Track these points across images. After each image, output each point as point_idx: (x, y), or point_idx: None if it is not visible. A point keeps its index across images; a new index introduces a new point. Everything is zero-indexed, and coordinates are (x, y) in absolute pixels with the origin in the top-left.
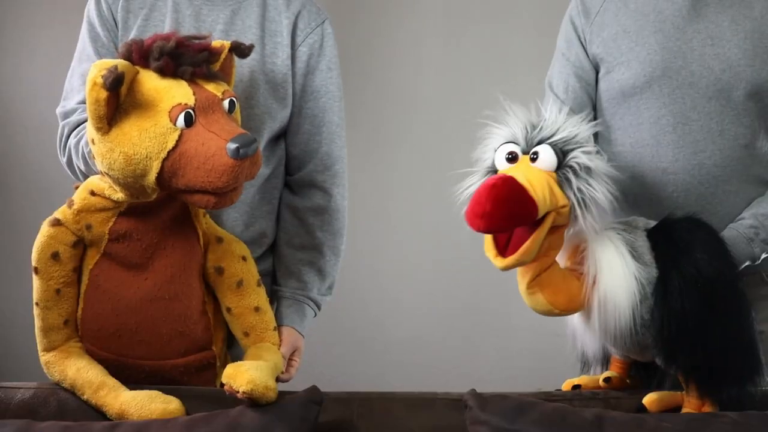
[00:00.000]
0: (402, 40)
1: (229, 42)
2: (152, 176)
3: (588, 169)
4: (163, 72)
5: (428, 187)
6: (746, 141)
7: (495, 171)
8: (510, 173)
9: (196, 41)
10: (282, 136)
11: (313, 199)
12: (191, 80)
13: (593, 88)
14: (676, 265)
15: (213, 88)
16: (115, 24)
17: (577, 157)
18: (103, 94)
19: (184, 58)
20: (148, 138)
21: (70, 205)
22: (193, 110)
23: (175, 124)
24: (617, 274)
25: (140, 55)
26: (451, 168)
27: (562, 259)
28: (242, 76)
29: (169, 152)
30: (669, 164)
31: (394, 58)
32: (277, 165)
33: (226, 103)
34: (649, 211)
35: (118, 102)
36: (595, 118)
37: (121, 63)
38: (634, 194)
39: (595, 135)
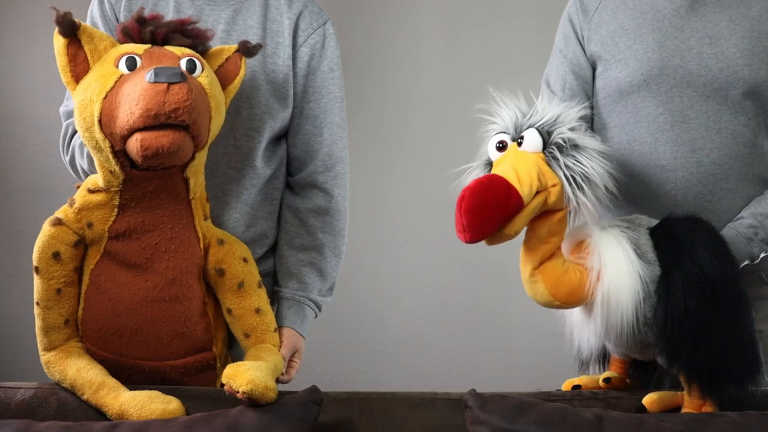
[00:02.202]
0: (402, 40)
1: (234, 45)
2: (96, 126)
3: (575, 146)
4: (131, 34)
5: (428, 187)
6: (745, 139)
7: (490, 162)
8: (499, 162)
9: (175, 20)
10: (283, 136)
11: (314, 199)
12: (160, 43)
13: (590, 86)
14: (678, 263)
15: (175, 49)
16: (118, 23)
17: (562, 133)
18: (61, 41)
19: (151, 23)
20: (93, 81)
21: (71, 204)
22: (139, 57)
23: (117, 68)
24: (622, 271)
25: (122, 34)
26: (451, 167)
27: (565, 254)
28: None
29: (107, 93)
30: (667, 162)
31: (394, 58)
32: (278, 166)
33: (183, 61)
34: (647, 208)
35: (86, 60)
36: (591, 116)
37: (81, 23)
38: (633, 192)
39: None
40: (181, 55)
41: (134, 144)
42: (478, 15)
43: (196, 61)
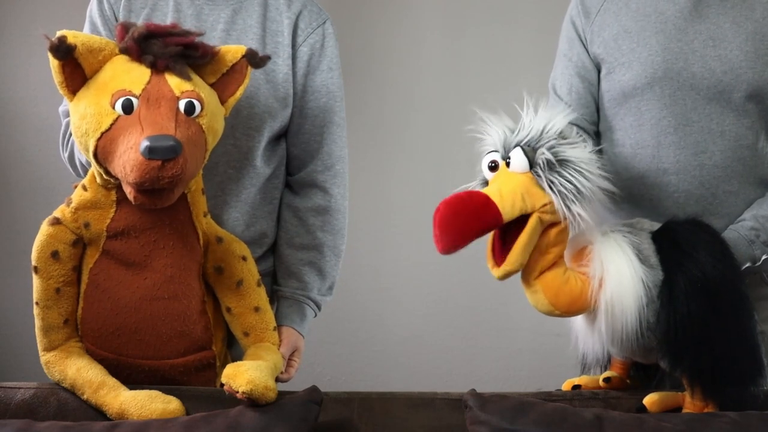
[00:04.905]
0: (402, 40)
1: (243, 48)
2: (91, 154)
3: (553, 163)
4: (129, 54)
5: (428, 187)
6: (747, 142)
7: (486, 182)
8: (492, 183)
9: (177, 36)
10: (283, 135)
11: (313, 199)
12: (159, 71)
13: (596, 88)
14: (681, 267)
15: (175, 84)
16: (117, 23)
17: (543, 154)
18: (55, 62)
19: (152, 47)
20: (89, 114)
21: (68, 204)
22: (136, 98)
23: (113, 108)
24: (625, 277)
25: (122, 36)
26: (451, 167)
27: (567, 261)
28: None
29: (102, 133)
30: (670, 165)
31: (394, 58)
32: (278, 165)
33: (182, 102)
34: (650, 212)
35: (83, 74)
36: (597, 119)
37: (79, 36)
38: (635, 195)
39: (598, 135)
40: (179, 94)
41: (128, 192)
42: (478, 15)
43: (195, 102)
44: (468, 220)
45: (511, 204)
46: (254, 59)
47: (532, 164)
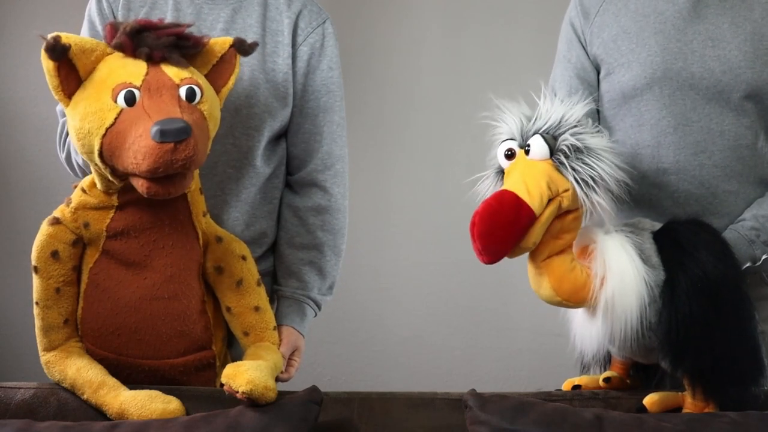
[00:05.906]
0: (402, 40)
1: (230, 38)
2: (96, 154)
3: (580, 149)
4: (123, 50)
5: (428, 187)
6: (747, 142)
7: (502, 170)
8: (509, 171)
9: (168, 28)
10: (283, 135)
11: (313, 198)
12: (155, 63)
13: (596, 90)
14: (682, 267)
15: (173, 73)
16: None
17: (566, 139)
18: (50, 64)
19: (145, 40)
20: (90, 113)
21: (68, 204)
22: (138, 90)
23: (115, 102)
24: (627, 277)
25: (112, 35)
26: (451, 167)
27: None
28: (243, 75)
29: (107, 129)
30: (670, 165)
31: (394, 58)
32: (278, 164)
33: (183, 89)
34: (650, 212)
35: (78, 76)
36: (597, 111)
37: (71, 37)
38: (636, 195)
39: None
40: (179, 82)
41: (140, 184)
42: (478, 15)
43: (195, 88)
44: (505, 228)
45: (539, 199)
46: (242, 47)
47: (553, 151)
